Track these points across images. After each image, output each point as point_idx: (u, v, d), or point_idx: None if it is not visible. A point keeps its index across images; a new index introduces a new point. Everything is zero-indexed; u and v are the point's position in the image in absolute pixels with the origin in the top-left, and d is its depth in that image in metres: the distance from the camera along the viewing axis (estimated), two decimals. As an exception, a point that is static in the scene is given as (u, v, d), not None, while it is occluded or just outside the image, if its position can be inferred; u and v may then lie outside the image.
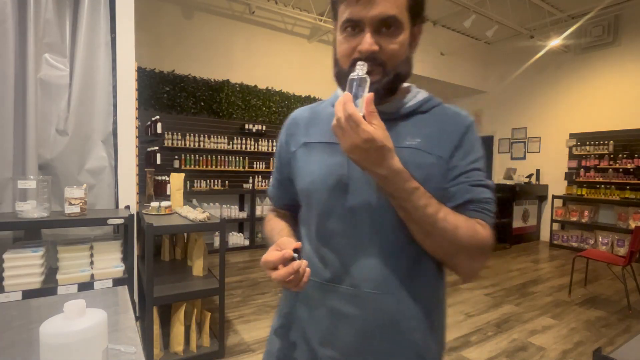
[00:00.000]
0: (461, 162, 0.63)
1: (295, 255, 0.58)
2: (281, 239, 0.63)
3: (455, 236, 0.57)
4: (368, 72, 0.56)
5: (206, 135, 4.87)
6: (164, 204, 2.21)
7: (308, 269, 0.58)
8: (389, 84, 0.61)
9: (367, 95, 0.53)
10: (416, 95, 0.68)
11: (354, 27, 0.59)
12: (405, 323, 0.63)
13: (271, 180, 0.84)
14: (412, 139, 0.63)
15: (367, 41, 0.58)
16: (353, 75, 0.55)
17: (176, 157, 4.66)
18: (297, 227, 0.77)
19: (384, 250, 0.62)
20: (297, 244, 0.60)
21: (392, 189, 0.56)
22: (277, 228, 0.75)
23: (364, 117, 0.52)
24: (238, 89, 5.19)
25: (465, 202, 0.62)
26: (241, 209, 5.15)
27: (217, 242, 4.74)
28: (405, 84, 0.68)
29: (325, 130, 0.67)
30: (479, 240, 0.59)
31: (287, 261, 0.57)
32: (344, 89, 0.59)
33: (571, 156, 5.98)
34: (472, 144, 0.64)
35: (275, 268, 0.57)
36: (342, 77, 0.62)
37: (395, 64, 0.61)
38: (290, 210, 0.81)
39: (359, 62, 0.55)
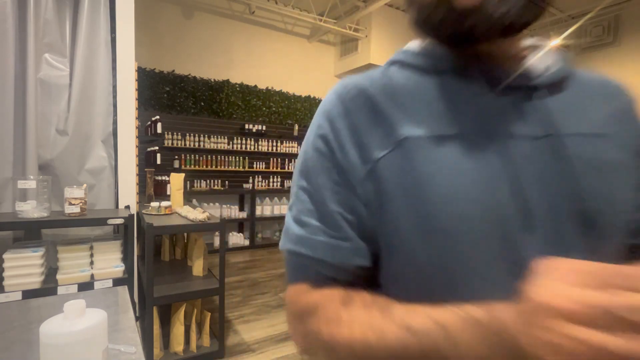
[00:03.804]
0: None
1: None
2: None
3: None
4: None
5: (206, 135, 4.87)
6: (164, 204, 2.21)
7: None
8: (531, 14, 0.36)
9: None
10: (544, 53, 0.44)
11: None
12: None
13: (305, 222, 0.40)
14: (579, 123, 0.39)
15: None
16: None
17: (176, 157, 4.66)
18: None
19: None
20: None
21: None
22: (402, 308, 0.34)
23: None
24: (238, 89, 5.19)
25: None
26: (241, 209, 5.15)
27: (217, 242, 4.74)
28: None
29: (441, 113, 0.38)
30: None
31: None
32: (434, 35, 0.40)
33: (571, 156, 5.98)
34: None
35: None
36: (435, 16, 0.37)
37: None
38: (357, 278, 0.40)
39: None
